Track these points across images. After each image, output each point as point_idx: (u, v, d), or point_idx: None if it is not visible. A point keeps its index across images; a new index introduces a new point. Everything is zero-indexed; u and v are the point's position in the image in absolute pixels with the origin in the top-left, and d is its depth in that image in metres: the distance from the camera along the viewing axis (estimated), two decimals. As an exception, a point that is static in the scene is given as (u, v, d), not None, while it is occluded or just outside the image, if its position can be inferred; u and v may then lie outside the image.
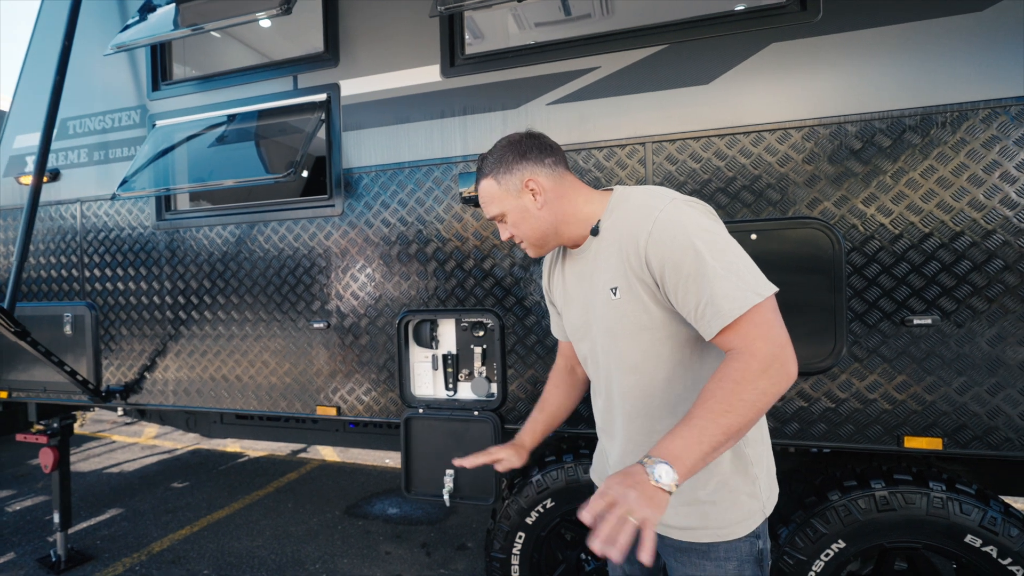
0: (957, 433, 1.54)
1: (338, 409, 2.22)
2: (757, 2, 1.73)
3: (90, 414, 6.18)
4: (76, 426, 4.79)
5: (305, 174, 3.91)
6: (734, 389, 0.86)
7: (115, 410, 3.00)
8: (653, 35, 1.78)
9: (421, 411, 2.01)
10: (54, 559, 2.90)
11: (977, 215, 1.49)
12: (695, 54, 1.73)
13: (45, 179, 2.63)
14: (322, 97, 2.20)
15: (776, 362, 0.88)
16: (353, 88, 2.15)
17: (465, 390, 2.04)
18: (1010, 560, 1.52)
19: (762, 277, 0.95)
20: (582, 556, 2.10)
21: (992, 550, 1.53)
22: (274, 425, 2.91)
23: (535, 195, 1.13)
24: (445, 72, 2.01)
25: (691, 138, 1.73)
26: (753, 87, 1.67)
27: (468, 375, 2.04)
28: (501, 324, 1.95)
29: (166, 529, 3.37)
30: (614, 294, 1.07)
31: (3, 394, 2.88)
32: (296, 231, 2.24)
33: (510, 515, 2.03)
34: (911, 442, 1.57)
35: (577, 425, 1.89)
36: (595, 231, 1.12)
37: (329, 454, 4.79)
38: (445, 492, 1.94)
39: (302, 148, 2.13)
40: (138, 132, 2.55)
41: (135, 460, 4.79)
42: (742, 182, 1.69)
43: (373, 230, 2.13)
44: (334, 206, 2.17)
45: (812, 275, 1.61)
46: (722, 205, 1.70)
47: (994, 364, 1.50)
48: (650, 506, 0.77)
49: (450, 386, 2.04)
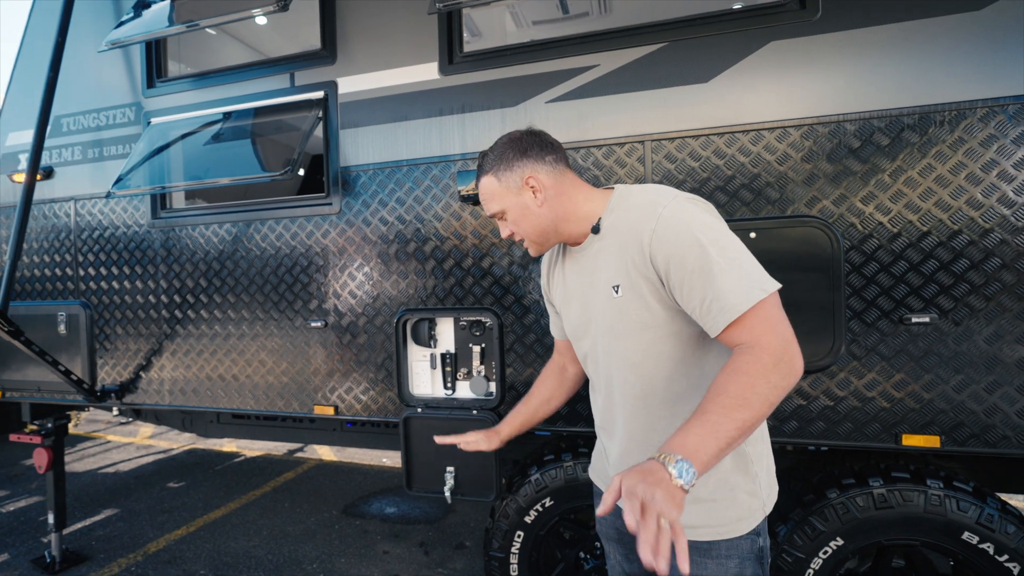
0: (955, 431, 1.55)
1: (336, 408, 2.21)
2: (756, 0, 1.73)
3: (85, 414, 6.14)
4: (70, 426, 4.78)
5: (302, 172, 3.89)
6: (747, 382, 0.84)
7: (110, 410, 2.98)
8: (652, 33, 1.77)
9: (420, 410, 2.00)
10: (49, 560, 2.88)
11: (975, 213, 1.50)
12: (694, 52, 1.73)
13: (39, 177, 2.62)
14: (319, 95, 2.18)
15: (785, 356, 0.87)
16: (351, 85, 2.14)
17: (464, 389, 2.04)
18: (1007, 557, 1.53)
19: (765, 273, 0.95)
20: (581, 555, 2.10)
21: (989, 547, 1.54)
22: (271, 425, 2.90)
23: (535, 192, 1.13)
24: (443, 70, 2.00)
25: (690, 136, 1.73)
26: (752, 85, 1.67)
27: (467, 374, 2.03)
28: (500, 323, 1.95)
29: (162, 529, 3.35)
30: (616, 292, 1.07)
31: (-3, 394, 2.86)
32: (293, 230, 2.23)
33: (509, 514, 2.02)
34: (909, 440, 1.58)
35: (576, 424, 1.89)
36: (596, 229, 1.12)
37: (326, 453, 4.78)
38: (446, 489, 1.94)
39: (299, 146, 2.12)
40: (133, 130, 2.53)
41: (130, 460, 4.76)
42: (741, 180, 1.69)
43: (371, 228, 2.12)
44: (331, 204, 2.16)
45: (811, 273, 1.61)
46: (721, 203, 1.70)
47: (991, 362, 1.51)
48: (674, 506, 0.73)
49: (448, 385, 2.03)
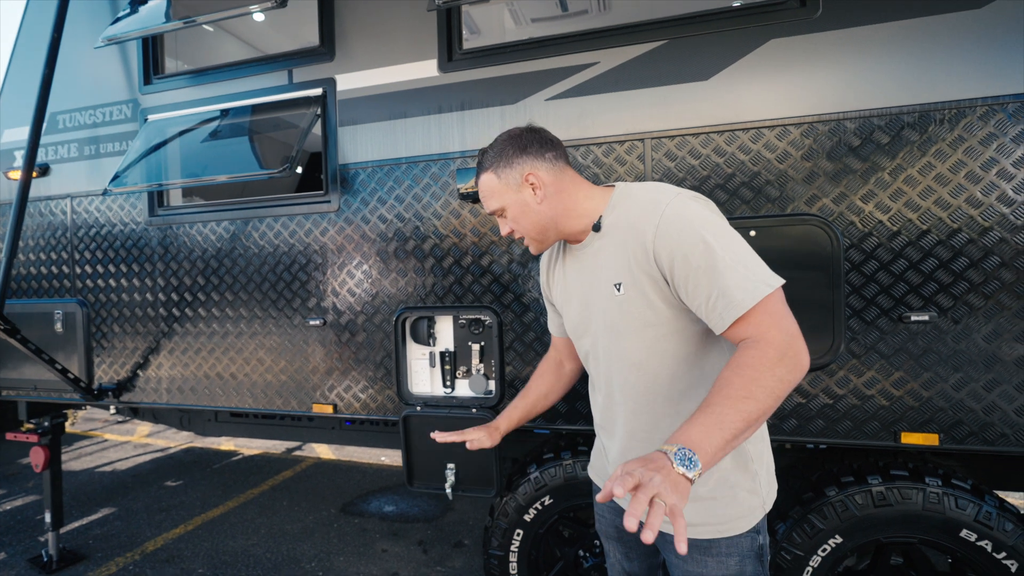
0: (953, 429, 1.55)
1: (334, 407, 2.20)
2: (756, -2, 1.72)
3: (82, 412, 6.12)
4: (67, 424, 4.76)
5: (300, 170, 3.86)
6: (753, 376, 0.84)
7: (107, 408, 2.97)
8: (652, 31, 1.77)
9: (419, 409, 2.00)
10: (46, 559, 2.87)
11: (974, 212, 1.50)
12: (694, 50, 1.72)
13: (34, 174, 2.60)
14: (318, 92, 2.17)
15: (791, 350, 0.87)
16: (349, 83, 2.13)
17: (463, 387, 2.03)
18: (1005, 554, 1.54)
19: (769, 269, 0.96)
20: (580, 553, 2.10)
21: (987, 544, 1.55)
22: (269, 423, 2.88)
23: (535, 189, 1.12)
24: (443, 67, 1.99)
25: (690, 134, 1.73)
26: (752, 83, 1.67)
27: (466, 372, 2.03)
28: (499, 321, 1.94)
29: (160, 528, 3.35)
30: (617, 290, 1.07)
31: (-7, 392, 2.84)
32: (291, 227, 2.22)
33: (508, 512, 2.02)
34: (908, 438, 1.58)
35: (576, 422, 1.89)
36: (597, 227, 1.11)
37: (324, 452, 4.77)
38: (447, 485, 1.94)
39: (297, 143, 2.11)
40: (129, 126, 2.52)
41: (128, 459, 4.74)
42: (741, 178, 1.69)
43: (370, 226, 2.11)
44: (330, 202, 2.15)
45: (810, 272, 1.61)
46: (721, 201, 1.70)
47: (990, 360, 1.51)
48: (676, 492, 0.72)
49: (448, 383, 2.03)
